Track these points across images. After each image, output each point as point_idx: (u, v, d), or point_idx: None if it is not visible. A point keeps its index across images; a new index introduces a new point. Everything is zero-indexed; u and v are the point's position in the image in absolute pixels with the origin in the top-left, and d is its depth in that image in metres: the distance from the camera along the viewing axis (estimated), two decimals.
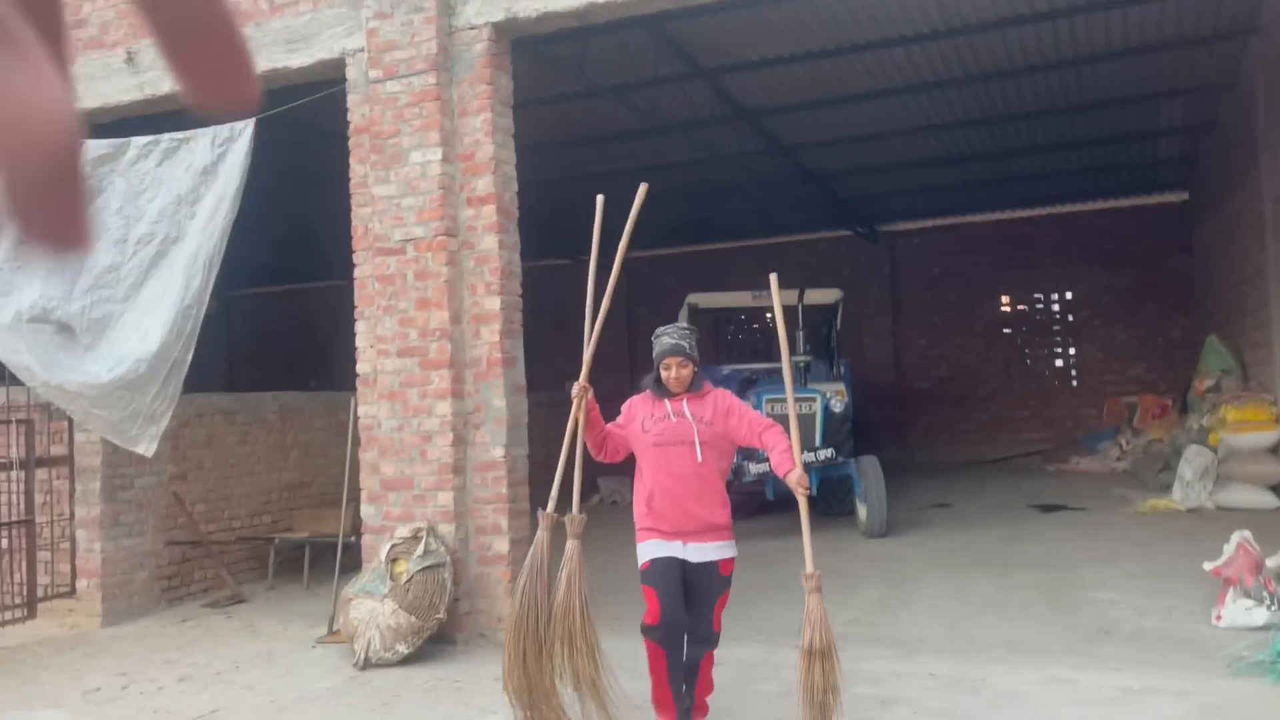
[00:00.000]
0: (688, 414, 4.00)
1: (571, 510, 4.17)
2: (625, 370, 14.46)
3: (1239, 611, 5.42)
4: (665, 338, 4.09)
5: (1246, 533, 5.74)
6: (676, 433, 3.97)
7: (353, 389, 6.55)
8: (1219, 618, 5.50)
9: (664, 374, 4.06)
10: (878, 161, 12.05)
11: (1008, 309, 15.71)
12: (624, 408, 4.20)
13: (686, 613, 3.93)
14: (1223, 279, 11.86)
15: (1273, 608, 5.38)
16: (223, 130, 6.69)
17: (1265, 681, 4.52)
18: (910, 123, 10.62)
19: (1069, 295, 15.28)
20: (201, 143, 6.79)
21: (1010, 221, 15.21)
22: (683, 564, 3.93)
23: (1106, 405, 14.44)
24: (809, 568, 3.81)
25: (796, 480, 3.77)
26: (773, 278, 4.17)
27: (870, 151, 11.60)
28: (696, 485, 3.94)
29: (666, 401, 4.05)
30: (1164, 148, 12.17)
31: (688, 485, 3.94)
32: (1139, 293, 14.43)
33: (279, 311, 19.78)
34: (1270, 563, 5.68)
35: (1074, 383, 15.28)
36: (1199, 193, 13.23)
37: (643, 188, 4.23)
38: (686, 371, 4.04)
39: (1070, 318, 15.32)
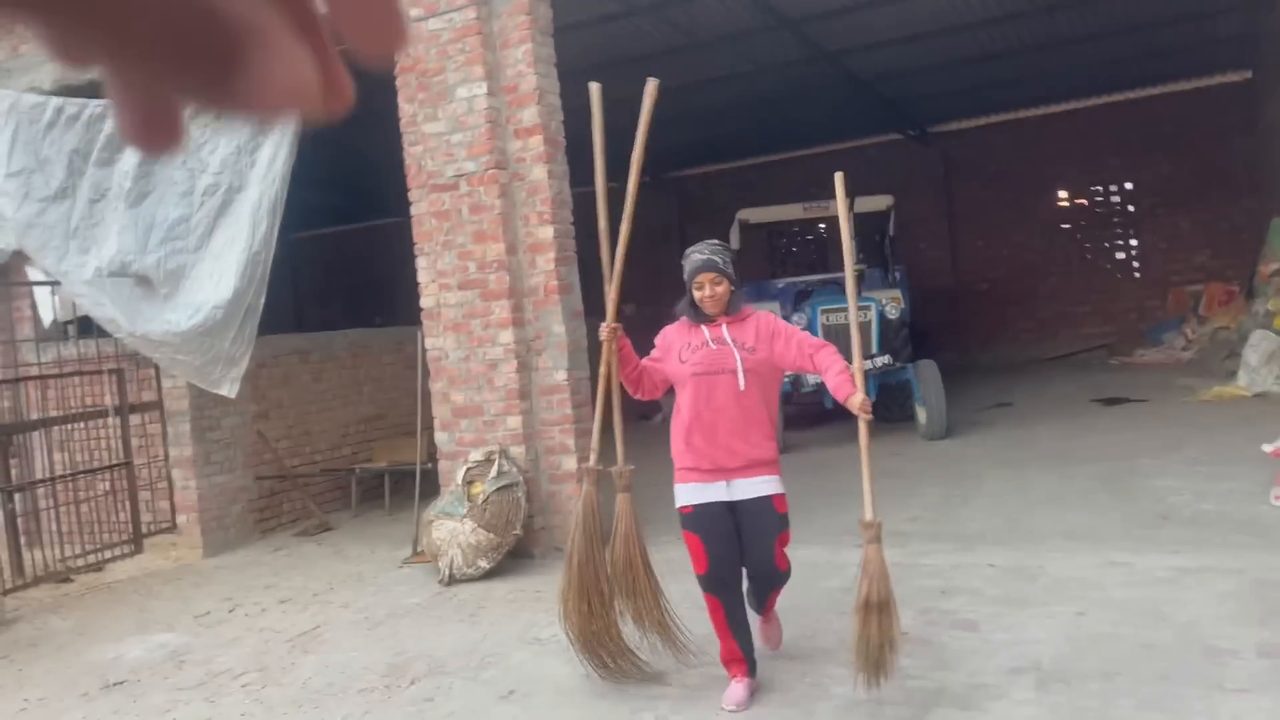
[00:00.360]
0: (728, 339, 3.68)
1: (617, 462, 3.98)
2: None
3: None
4: (695, 254, 3.77)
5: None
6: (716, 361, 3.65)
7: (416, 323, 6.80)
8: (1277, 498, 5.57)
9: (697, 294, 3.72)
10: (926, 62, 11.82)
11: (1066, 204, 15.42)
12: (658, 339, 3.88)
13: (741, 558, 3.68)
14: None
15: None
16: None
17: None
18: (958, 19, 10.39)
19: (1129, 185, 14.94)
20: None
21: (1065, 114, 14.83)
22: (730, 505, 3.65)
23: (1171, 295, 14.22)
24: (868, 514, 3.52)
25: (859, 406, 3.46)
26: (838, 177, 3.84)
27: (918, 52, 11.38)
28: (739, 418, 3.62)
29: (704, 328, 3.74)
30: (1222, 26, 11.74)
31: (730, 418, 3.62)
32: (1202, 178, 14.06)
33: (339, 252, 20.19)
34: None
35: (1136, 274, 15.03)
36: (1262, 71, 12.77)
37: (651, 84, 3.84)
38: (721, 289, 3.69)
39: (1131, 208, 15.01)
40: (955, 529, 5.89)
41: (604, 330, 3.79)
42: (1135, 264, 15.08)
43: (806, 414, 10.38)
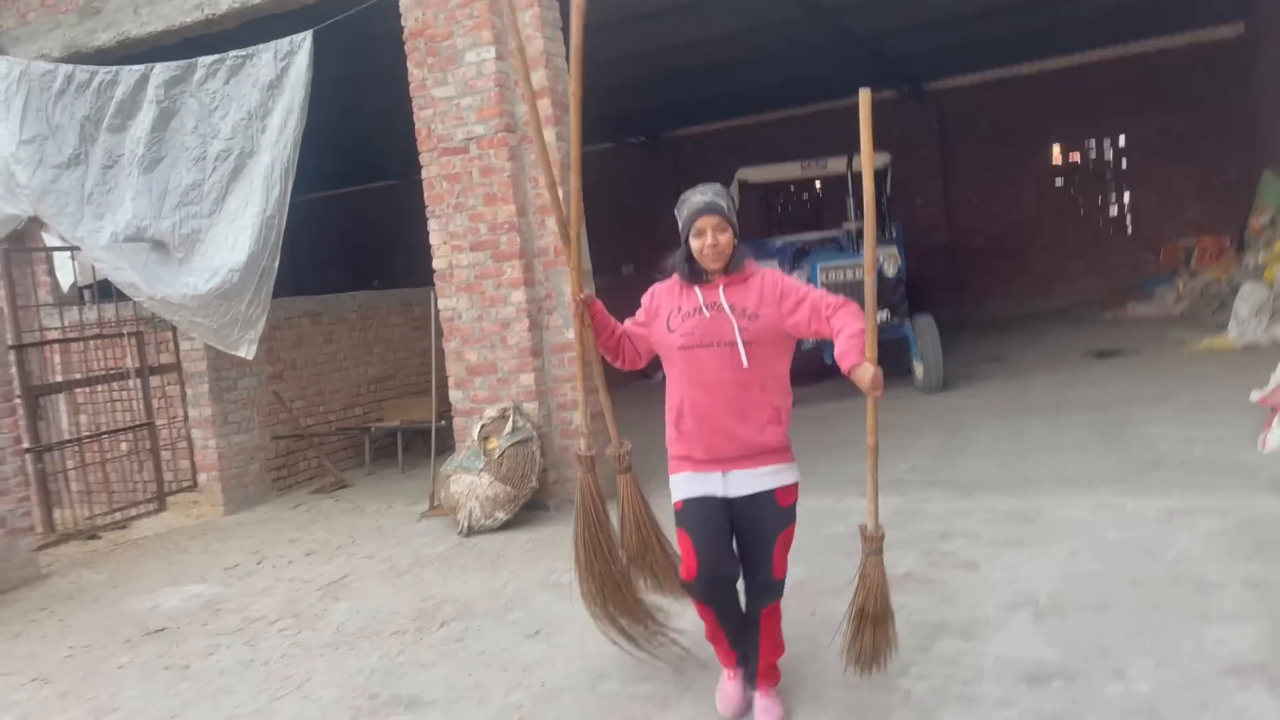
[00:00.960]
0: (725, 305, 3.10)
1: (611, 443, 3.67)
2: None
3: None
4: (694, 196, 3.16)
5: None
6: (711, 331, 3.08)
7: (415, 285, 6.97)
8: (1264, 443, 5.80)
9: (695, 244, 3.12)
10: (922, 19, 11.88)
11: (1060, 160, 15.56)
12: (644, 299, 3.32)
13: (735, 560, 3.22)
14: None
15: None
16: (283, 44, 6.98)
17: None
18: None
19: (1121, 141, 15.08)
20: (265, 58, 7.09)
21: (1058, 71, 14.90)
22: (726, 501, 3.16)
23: (1163, 250, 14.41)
24: (871, 525, 3.16)
25: (870, 382, 2.90)
26: (864, 93, 3.05)
27: (914, 9, 11.44)
28: (739, 398, 3.08)
29: (698, 290, 3.16)
30: None
31: (727, 398, 3.08)
32: (1194, 133, 14.19)
33: (335, 215, 20.25)
34: None
35: (1130, 230, 15.21)
36: (1255, 24, 12.86)
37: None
38: (725, 239, 3.10)
39: (1124, 164, 15.15)
40: (954, 476, 6.12)
41: (570, 303, 3.35)
42: (1128, 219, 15.25)
43: (807, 370, 10.58)
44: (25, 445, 6.91)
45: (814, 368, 10.19)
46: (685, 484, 3.19)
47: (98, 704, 4.14)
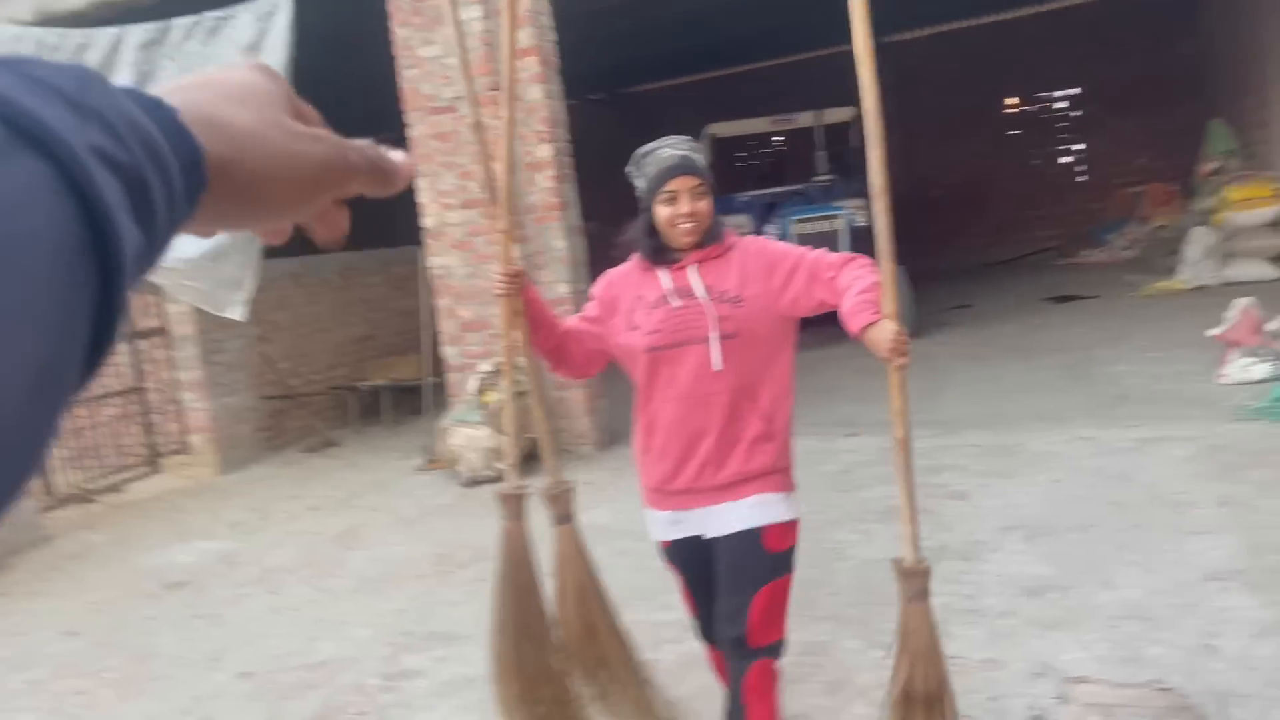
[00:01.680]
0: (699, 291, 2.41)
1: (550, 477, 2.96)
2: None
3: (1240, 369, 6.08)
4: (662, 151, 2.44)
5: (1252, 298, 6.35)
6: (684, 324, 2.39)
7: (393, 244, 7.03)
8: (1222, 376, 6.16)
9: (665, 213, 2.40)
10: None
11: (1015, 111, 15.90)
12: (597, 289, 2.61)
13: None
14: (1226, 60, 12.06)
15: (1273, 362, 6.03)
16: (263, 4, 6.97)
17: (1263, 423, 5.21)
18: None
19: (1074, 91, 15.45)
20: (244, 19, 7.08)
21: (1012, 22, 15.20)
22: (706, 541, 2.48)
23: (1114, 197, 14.85)
24: (909, 556, 2.32)
25: (890, 343, 2.17)
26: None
27: None
28: (722, 409, 2.39)
29: (664, 273, 2.46)
30: None
31: (708, 412, 2.39)
32: (1144, 82, 14.58)
33: None
34: (1271, 325, 6.30)
35: (1083, 178, 15.63)
36: None
37: None
38: (705, 205, 2.41)
39: (1078, 113, 15.54)
40: (936, 416, 6.41)
41: (497, 282, 2.63)
42: (1082, 168, 15.67)
43: None
44: None
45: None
46: (662, 525, 2.54)
47: (134, 652, 4.29)
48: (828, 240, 9.17)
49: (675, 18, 12.66)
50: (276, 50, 6.99)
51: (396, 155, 0.58)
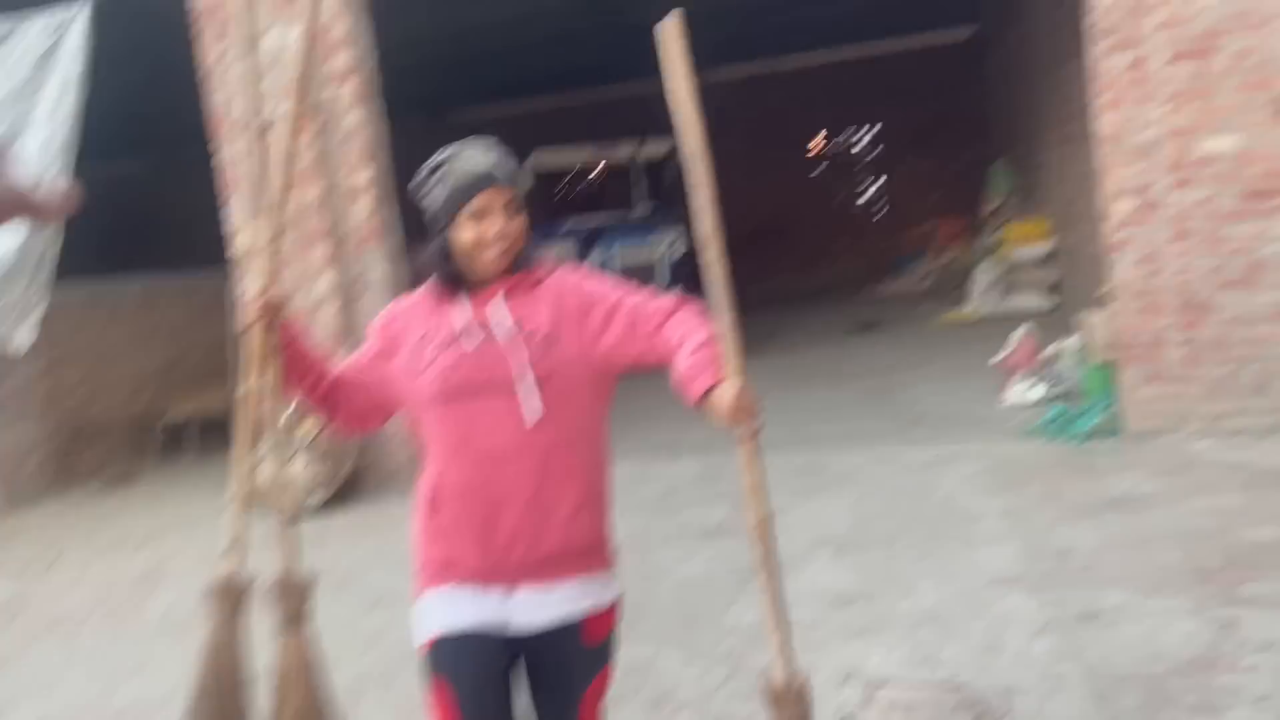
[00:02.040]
0: (503, 327, 1.99)
1: (283, 562, 2.51)
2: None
3: (1020, 392, 6.65)
4: (465, 156, 2.03)
5: (1029, 325, 6.98)
6: (483, 367, 1.96)
7: (192, 267, 6.74)
8: (1005, 398, 6.71)
9: (469, 235, 1.99)
10: (699, 12, 12.46)
11: (822, 149, 16.85)
12: (376, 326, 2.17)
13: None
14: (1006, 109, 13.17)
15: (1048, 385, 6.61)
16: (57, 14, 6.60)
17: (1040, 441, 5.72)
18: None
19: (874, 132, 16.52)
20: (35, 27, 6.68)
21: (817, 67, 16.10)
22: (506, 641, 1.99)
23: (910, 232, 15.91)
24: (780, 673, 1.99)
25: (732, 408, 1.84)
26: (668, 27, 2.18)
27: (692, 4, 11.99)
28: (531, 472, 1.95)
29: (460, 304, 2.03)
30: None
31: (514, 474, 1.95)
32: (936, 126, 15.73)
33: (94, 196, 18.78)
34: (1046, 351, 6.92)
35: (882, 213, 16.70)
36: (985, 27, 14.41)
37: None
38: (518, 225, 2.03)
39: (878, 152, 16.63)
40: None
41: (248, 310, 2.19)
42: (881, 204, 16.75)
43: None
44: None
45: None
46: (444, 608, 2.00)
47: None
48: (650, 270, 9.42)
49: (487, 52, 12.71)
50: (74, 61, 6.63)
51: (53, 192, 0.63)
